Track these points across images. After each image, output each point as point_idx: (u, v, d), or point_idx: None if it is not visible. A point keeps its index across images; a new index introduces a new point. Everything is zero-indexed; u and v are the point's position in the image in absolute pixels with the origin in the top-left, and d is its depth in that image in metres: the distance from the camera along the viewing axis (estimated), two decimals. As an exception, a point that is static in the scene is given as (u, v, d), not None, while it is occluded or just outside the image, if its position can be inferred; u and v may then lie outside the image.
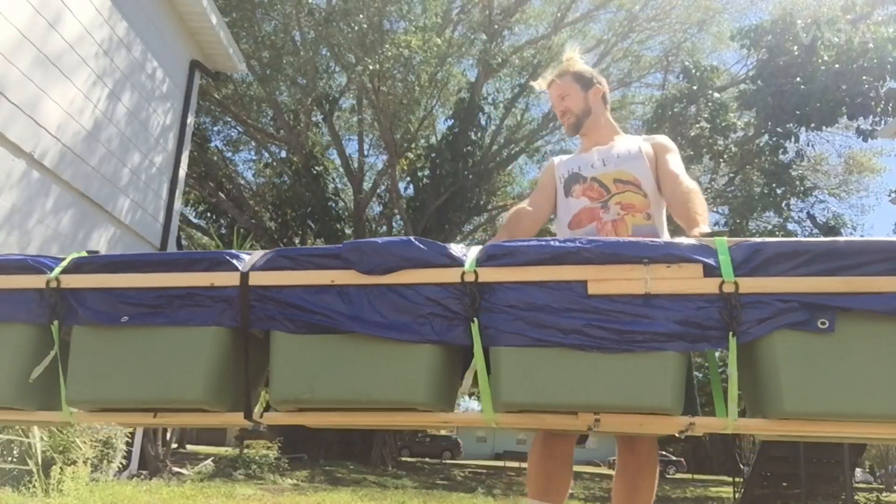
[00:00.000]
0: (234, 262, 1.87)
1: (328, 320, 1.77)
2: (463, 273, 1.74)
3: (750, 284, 1.65)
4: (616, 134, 2.67)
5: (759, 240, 1.74)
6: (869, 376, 1.59)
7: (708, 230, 2.08)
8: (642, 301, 1.68)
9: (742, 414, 1.75)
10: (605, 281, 1.69)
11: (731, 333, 1.63)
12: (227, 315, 1.82)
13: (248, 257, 1.90)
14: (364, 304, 1.77)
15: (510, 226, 2.61)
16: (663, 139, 2.63)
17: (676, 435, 1.84)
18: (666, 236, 2.41)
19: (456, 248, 1.83)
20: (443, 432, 40.08)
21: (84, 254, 2.11)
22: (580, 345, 1.67)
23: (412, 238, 1.81)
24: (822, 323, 1.61)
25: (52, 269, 2.00)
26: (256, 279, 1.83)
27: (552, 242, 1.77)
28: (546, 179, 2.69)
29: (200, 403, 1.84)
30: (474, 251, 1.83)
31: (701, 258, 1.69)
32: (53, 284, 1.95)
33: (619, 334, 1.66)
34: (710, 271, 1.67)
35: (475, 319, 1.71)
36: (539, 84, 2.74)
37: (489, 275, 1.74)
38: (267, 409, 2.11)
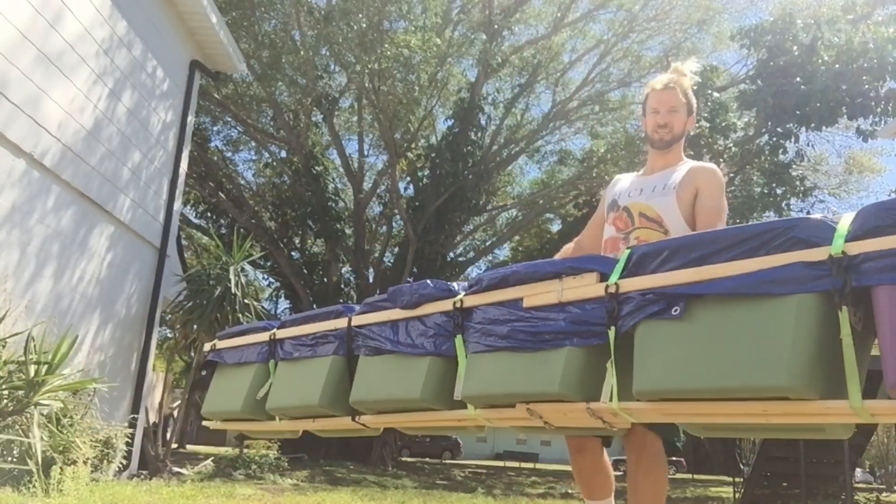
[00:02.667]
0: (346, 312, 2.61)
1: (380, 344, 2.41)
2: (454, 302, 2.24)
3: (627, 284, 1.90)
4: (679, 161, 2.70)
5: (640, 244, 2.02)
6: (718, 353, 1.72)
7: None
8: (558, 308, 2.01)
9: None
10: (533, 295, 2.07)
11: (611, 328, 1.89)
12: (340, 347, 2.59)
13: (357, 308, 2.62)
14: (401, 331, 2.37)
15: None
16: (707, 175, 2.59)
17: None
18: None
19: (457, 284, 2.34)
20: (443, 432, 39.99)
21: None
22: (509, 347, 2.06)
23: (428, 281, 2.36)
24: (675, 310, 1.80)
25: (273, 328, 2.83)
26: (356, 321, 2.54)
27: (501, 270, 2.20)
28: (601, 202, 2.87)
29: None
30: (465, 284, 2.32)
31: (596, 268, 1.99)
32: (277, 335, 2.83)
33: (534, 336, 2.02)
34: (604, 277, 1.96)
35: (460, 335, 2.19)
36: (655, 83, 2.70)
37: (469, 301, 2.22)
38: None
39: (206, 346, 3.10)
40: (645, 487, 2.41)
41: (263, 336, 2.81)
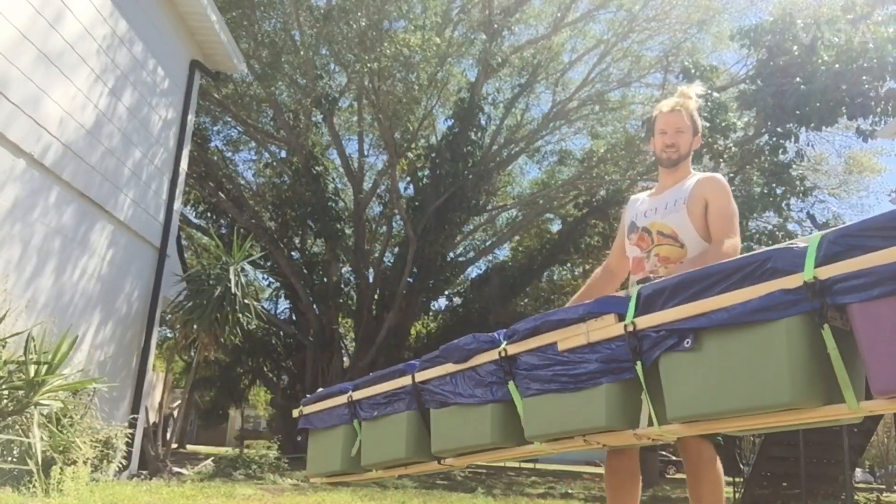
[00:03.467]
0: (408, 370, 2.87)
1: (445, 397, 2.66)
2: (499, 352, 2.47)
3: (641, 322, 2.10)
4: (686, 176, 2.87)
5: (647, 283, 2.21)
6: (729, 378, 1.92)
7: (652, 279, 2.48)
8: (590, 349, 2.22)
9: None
10: (565, 339, 2.29)
11: (637, 362, 2.10)
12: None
13: (416, 364, 2.87)
14: (459, 383, 2.62)
15: (589, 289, 3.08)
16: (712, 185, 2.77)
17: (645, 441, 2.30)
18: None
19: (497, 334, 2.55)
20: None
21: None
22: (555, 390, 2.29)
23: (472, 336, 2.59)
24: (687, 342, 2.00)
25: (348, 390, 3.13)
26: (418, 377, 2.79)
27: (532, 319, 2.44)
28: (621, 225, 3.06)
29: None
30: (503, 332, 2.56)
31: (613, 309, 2.19)
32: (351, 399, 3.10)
33: (574, 377, 2.25)
34: (621, 317, 2.16)
35: (511, 381, 2.44)
36: (662, 106, 2.89)
37: (511, 349, 2.45)
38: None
39: (295, 413, 3.46)
40: (707, 493, 2.57)
41: (342, 399, 3.12)
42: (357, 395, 3.06)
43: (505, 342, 2.48)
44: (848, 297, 1.73)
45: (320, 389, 3.49)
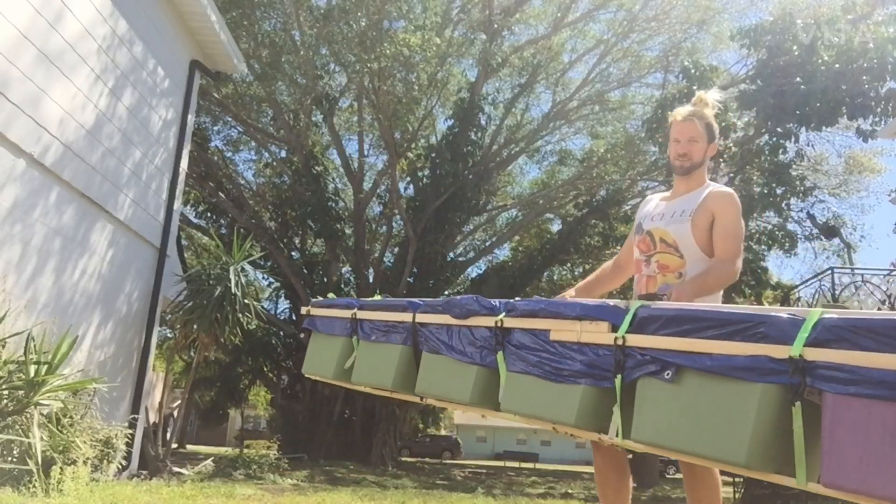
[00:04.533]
0: (410, 307, 2.99)
1: (438, 345, 2.78)
2: (496, 321, 2.56)
3: (631, 340, 2.16)
4: (700, 185, 2.85)
5: (648, 303, 2.26)
6: (696, 421, 1.98)
7: (663, 296, 2.53)
8: (577, 348, 2.30)
9: None
10: (558, 331, 2.36)
11: (617, 376, 2.17)
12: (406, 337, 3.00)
13: (420, 304, 2.98)
14: (454, 337, 2.73)
15: (597, 279, 3.19)
16: (722, 201, 2.74)
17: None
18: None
19: (497, 301, 2.64)
20: (443, 432, 40.00)
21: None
22: (538, 374, 2.39)
23: (475, 297, 2.71)
24: (667, 374, 2.06)
25: (354, 306, 3.30)
26: (419, 318, 2.92)
27: (531, 303, 2.52)
28: (636, 222, 3.04)
29: None
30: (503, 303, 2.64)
31: (608, 319, 2.25)
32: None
33: (557, 370, 2.34)
34: (614, 328, 2.22)
35: (500, 351, 2.54)
36: (677, 114, 2.87)
37: (508, 322, 2.54)
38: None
39: (303, 310, 3.59)
40: (704, 491, 2.58)
41: (347, 313, 3.27)
42: (361, 314, 3.20)
43: (503, 313, 2.57)
44: (826, 384, 1.77)
45: (331, 296, 3.70)
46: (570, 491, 11.94)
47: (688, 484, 2.65)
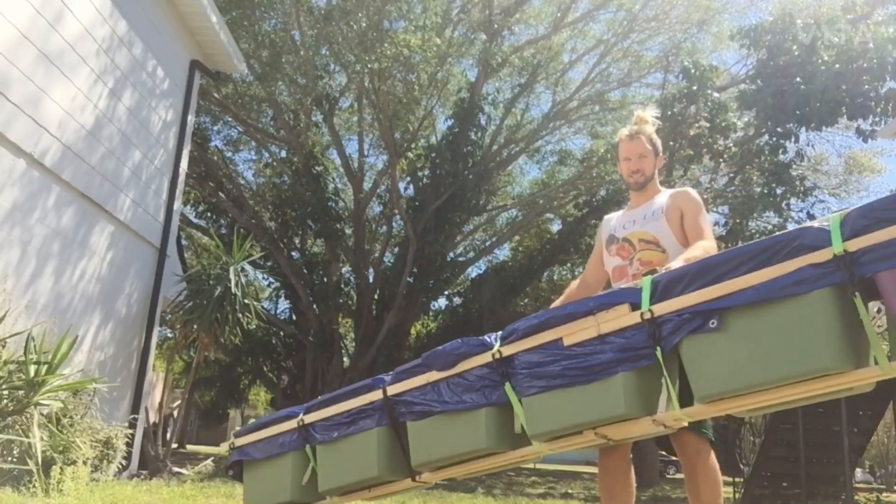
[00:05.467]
0: (377, 384, 2.77)
1: (428, 407, 2.59)
2: (493, 354, 2.45)
3: (659, 308, 2.17)
4: (657, 193, 3.04)
5: (661, 273, 2.28)
6: (763, 352, 2.00)
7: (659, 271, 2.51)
8: (600, 341, 2.26)
9: None
10: (572, 334, 2.31)
11: (657, 348, 2.16)
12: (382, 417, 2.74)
13: (386, 378, 2.77)
14: (444, 391, 2.56)
15: (567, 300, 3.08)
16: (686, 197, 2.95)
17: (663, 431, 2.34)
18: None
19: (488, 337, 2.52)
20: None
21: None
22: (563, 384, 2.30)
23: (460, 340, 2.55)
24: (712, 323, 2.08)
25: (297, 414, 2.97)
26: (391, 391, 2.71)
27: (534, 318, 2.43)
28: (598, 241, 3.18)
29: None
30: (497, 335, 2.52)
31: (625, 299, 2.25)
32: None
33: (586, 369, 2.26)
34: (635, 306, 2.22)
35: (507, 383, 2.43)
36: (622, 134, 3.04)
37: (507, 350, 2.43)
38: None
39: (226, 446, 3.19)
40: (705, 489, 2.61)
41: (290, 424, 2.95)
42: (310, 417, 2.91)
43: (499, 344, 2.47)
44: (878, 265, 1.86)
45: (252, 421, 3.34)
46: (570, 491, 11.94)
47: (689, 484, 2.66)
